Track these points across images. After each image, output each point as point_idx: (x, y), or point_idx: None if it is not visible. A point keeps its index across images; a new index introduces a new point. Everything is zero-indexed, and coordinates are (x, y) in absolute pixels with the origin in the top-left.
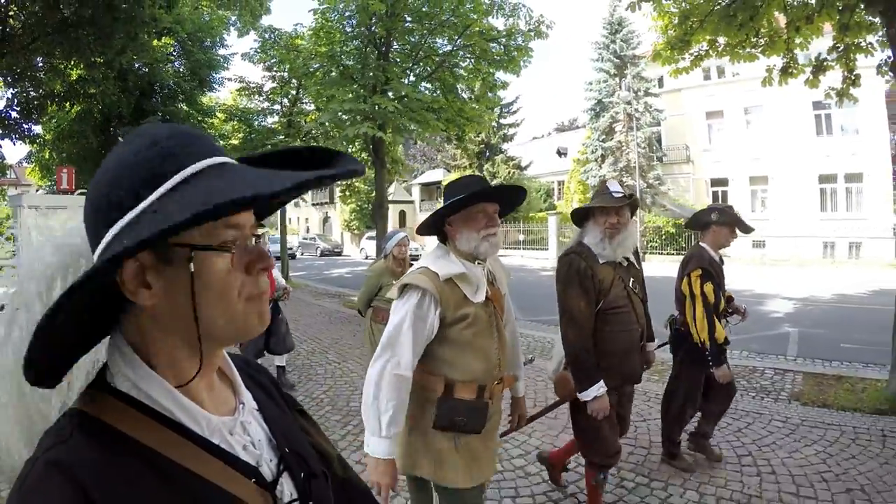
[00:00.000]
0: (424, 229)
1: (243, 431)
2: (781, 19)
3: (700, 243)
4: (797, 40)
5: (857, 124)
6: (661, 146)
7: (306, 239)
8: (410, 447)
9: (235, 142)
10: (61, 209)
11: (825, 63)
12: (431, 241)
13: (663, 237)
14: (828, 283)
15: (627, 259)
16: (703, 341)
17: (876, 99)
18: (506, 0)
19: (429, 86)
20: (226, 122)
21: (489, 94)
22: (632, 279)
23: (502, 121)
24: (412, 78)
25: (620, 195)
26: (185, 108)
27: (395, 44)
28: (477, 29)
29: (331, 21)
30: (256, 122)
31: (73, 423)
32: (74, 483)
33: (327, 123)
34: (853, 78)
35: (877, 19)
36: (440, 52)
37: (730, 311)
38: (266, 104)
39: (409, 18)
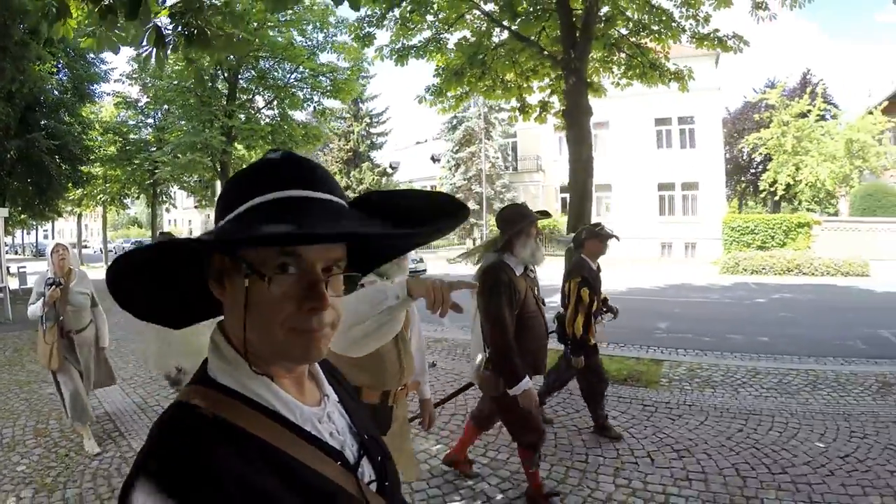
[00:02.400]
0: None
1: (329, 420)
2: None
3: (581, 255)
4: (528, 85)
5: (696, 139)
6: (517, 156)
7: None
8: None
9: (112, 150)
10: None
11: (548, 104)
12: None
13: None
14: (639, 279)
15: (533, 271)
16: (573, 333)
17: (713, 118)
18: (337, 40)
19: (270, 113)
20: (103, 135)
21: (321, 119)
22: (537, 289)
23: (371, 129)
24: (259, 102)
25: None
26: (67, 119)
27: (243, 73)
28: (309, 65)
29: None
30: (131, 135)
31: (192, 418)
32: (215, 474)
33: (170, 155)
34: None
35: None
36: (280, 82)
37: (605, 309)
38: (141, 117)
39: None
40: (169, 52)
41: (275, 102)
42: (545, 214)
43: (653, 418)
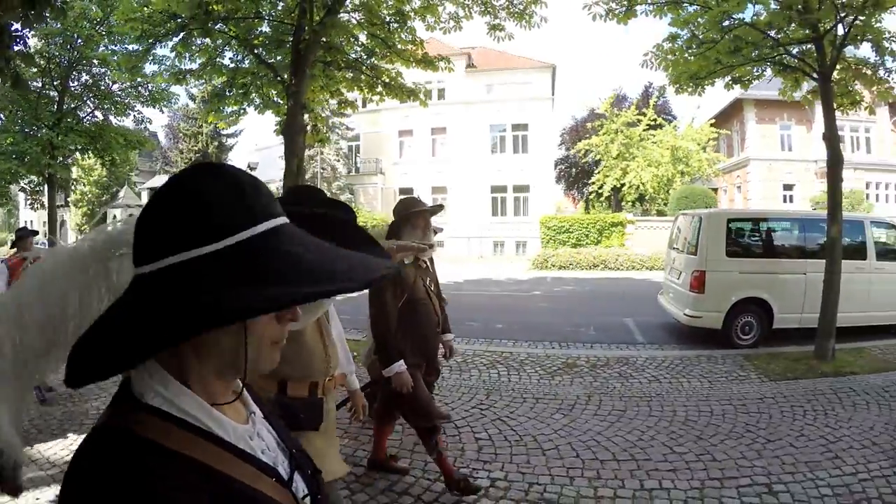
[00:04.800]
0: None
1: (259, 437)
2: None
3: None
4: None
5: (528, 145)
6: (359, 159)
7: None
8: None
9: None
10: None
11: (319, 118)
12: None
13: None
14: (451, 275)
15: (425, 262)
16: None
17: (545, 126)
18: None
19: (95, 120)
20: None
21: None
22: (429, 279)
23: (221, 131)
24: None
25: (430, 205)
26: None
27: (73, 79)
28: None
29: None
30: None
31: (128, 444)
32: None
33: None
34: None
35: None
36: (106, 90)
37: None
38: None
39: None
40: None
41: (98, 111)
42: (439, 208)
43: None
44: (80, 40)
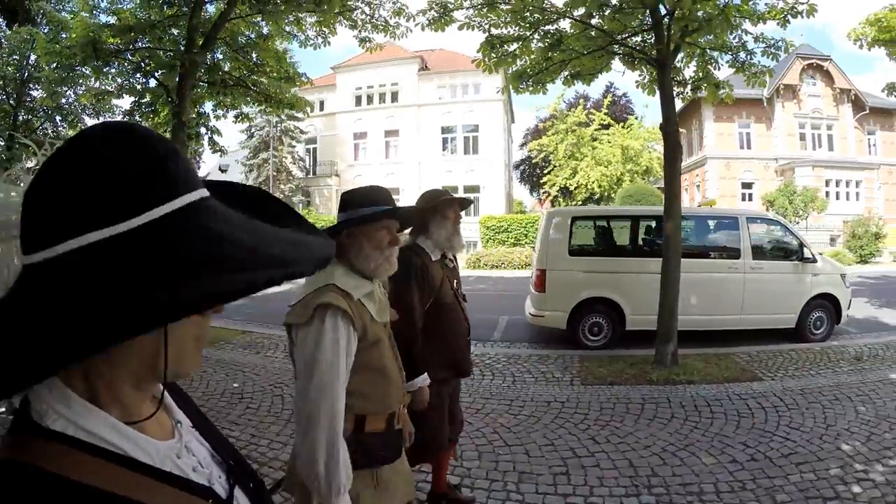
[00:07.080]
0: None
1: (188, 453)
2: None
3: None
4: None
5: (479, 146)
6: (316, 162)
7: None
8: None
9: None
10: None
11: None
12: None
13: None
14: None
15: (452, 260)
16: None
17: (495, 127)
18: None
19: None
20: None
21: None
22: (455, 280)
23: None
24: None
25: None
26: None
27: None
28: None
29: None
30: None
31: (12, 477)
32: None
33: None
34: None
35: None
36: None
37: None
38: None
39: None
40: None
41: (49, 122)
42: (468, 201)
43: None
44: (31, 58)
